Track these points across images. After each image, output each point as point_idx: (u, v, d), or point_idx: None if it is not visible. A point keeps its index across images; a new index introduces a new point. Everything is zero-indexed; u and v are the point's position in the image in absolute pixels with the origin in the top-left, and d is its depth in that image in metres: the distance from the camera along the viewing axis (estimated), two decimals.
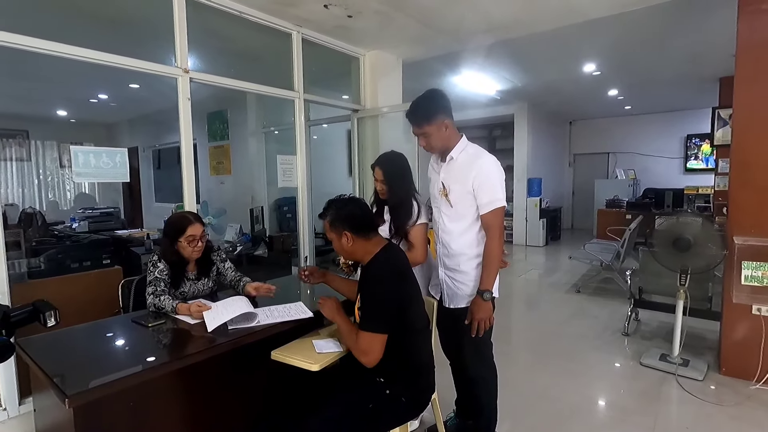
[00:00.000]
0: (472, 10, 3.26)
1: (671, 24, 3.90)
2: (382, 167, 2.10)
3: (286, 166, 3.60)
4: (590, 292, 4.96)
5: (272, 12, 3.23)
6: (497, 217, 1.82)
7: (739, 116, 2.77)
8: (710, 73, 5.65)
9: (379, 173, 2.10)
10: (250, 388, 1.86)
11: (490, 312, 1.83)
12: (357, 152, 4.32)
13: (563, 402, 2.59)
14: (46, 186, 7.71)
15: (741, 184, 2.75)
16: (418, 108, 1.87)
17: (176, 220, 2.04)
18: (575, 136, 10.19)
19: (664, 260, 2.89)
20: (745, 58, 2.70)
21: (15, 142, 7.23)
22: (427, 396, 1.71)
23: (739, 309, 2.75)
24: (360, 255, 1.64)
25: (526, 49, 4.61)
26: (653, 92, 7.03)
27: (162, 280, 1.98)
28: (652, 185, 8.32)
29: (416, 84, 4.93)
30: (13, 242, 2.59)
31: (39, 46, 2.24)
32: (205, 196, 6.09)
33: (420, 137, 1.90)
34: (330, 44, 3.85)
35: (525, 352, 3.38)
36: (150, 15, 3.14)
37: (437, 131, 1.85)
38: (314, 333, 1.84)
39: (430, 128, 1.84)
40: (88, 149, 2.41)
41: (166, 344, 1.69)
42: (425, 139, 1.89)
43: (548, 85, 6.48)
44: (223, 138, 6.14)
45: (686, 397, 2.61)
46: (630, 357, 3.19)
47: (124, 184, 7.41)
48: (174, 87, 2.79)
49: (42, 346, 1.57)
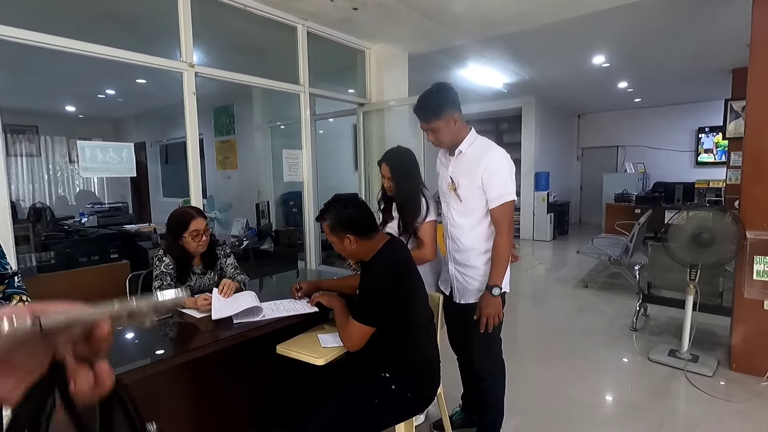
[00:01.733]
0: (477, 2, 3.21)
1: (682, 14, 3.81)
2: (389, 164, 2.06)
3: (291, 160, 3.60)
4: (598, 287, 4.92)
5: (277, 5, 3.21)
6: (507, 211, 1.79)
7: (752, 108, 2.71)
8: (722, 65, 5.53)
9: (386, 170, 2.07)
10: (256, 382, 1.86)
11: (499, 308, 1.81)
12: (363, 146, 4.31)
13: (570, 398, 2.58)
14: (55, 181, 7.79)
15: (754, 177, 2.70)
16: (425, 103, 1.82)
17: (179, 216, 2.04)
18: (583, 130, 10.07)
19: (683, 256, 2.79)
20: (760, 49, 2.64)
21: (25, 137, 7.29)
22: (433, 391, 1.71)
23: (751, 304, 2.71)
24: (363, 254, 1.63)
25: (533, 42, 4.54)
26: (664, 84, 6.92)
27: (168, 274, 1.99)
28: (661, 179, 8.20)
29: (423, 77, 4.90)
30: (23, 237, 2.62)
31: (47, 42, 2.26)
32: (212, 190, 6.11)
33: (428, 132, 1.86)
34: (335, 38, 3.82)
35: (532, 347, 3.36)
36: (155, 10, 3.14)
37: (446, 126, 1.81)
38: (319, 327, 1.84)
39: (438, 123, 1.80)
40: (95, 144, 2.43)
41: (172, 338, 1.70)
42: (434, 135, 1.85)
43: (556, 78, 6.39)
44: (230, 133, 6.15)
45: (695, 393, 2.59)
46: (638, 352, 3.16)
47: (132, 178, 7.45)
48: (179, 82, 2.79)
49: None
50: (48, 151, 7.67)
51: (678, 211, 2.89)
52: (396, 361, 1.60)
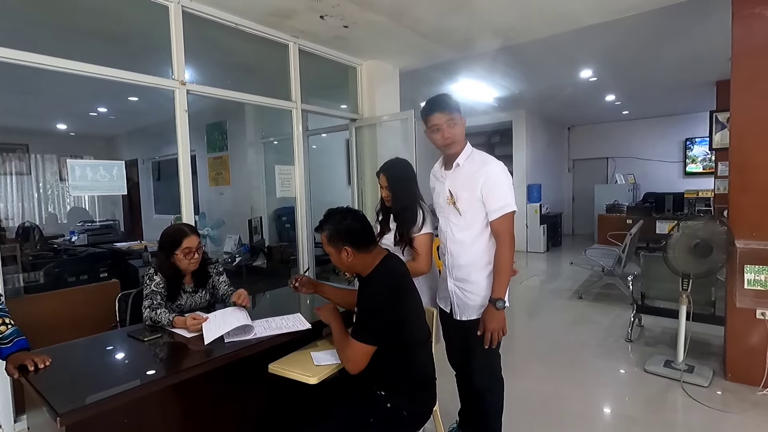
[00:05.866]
0: (467, 20, 3.28)
1: (665, 30, 3.92)
2: (386, 173, 2.08)
3: (284, 176, 3.60)
4: (592, 298, 4.92)
5: (269, 24, 3.25)
6: (508, 223, 1.78)
7: (736, 119, 2.77)
8: (706, 77, 5.67)
9: (383, 180, 2.08)
10: (248, 402, 1.82)
11: (503, 322, 1.78)
12: (356, 161, 4.33)
13: (567, 411, 2.55)
14: (45, 199, 7.72)
15: (741, 187, 2.74)
16: (447, 97, 1.88)
17: (172, 233, 2.02)
18: (574, 142, 10.21)
19: (684, 268, 2.78)
20: (740, 62, 2.71)
21: (15, 156, 7.25)
22: (429, 408, 1.68)
23: (744, 313, 2.72)
24: (360, 268, 1.61)
25: (522, 57, 4.63)
26: (650, 97, 7.06)
27: (158, 293, 1.96)
28: (652, 189, 8.31)
29: (414, 92, 4.98)
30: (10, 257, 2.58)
31: (39, 62, 2.26)
32: (205, 206, 6.08)
33: (444, 128, 1.82)
34: (327, 54, 3.87)
35: (528, 360, 3.34)
36: (147, 29, 3.16)
37: (461, 123, 1.86)
38: (312, 345, 1.81)
39: (459, 116, 1.84)
40: (84, 162, 2.42)
41: (162, 358, 1.67)
42: (449, 129, 1.82)
43: (545, 92, 6.51)
44: (222, 149, 6.15)
45: (692, 404, 2.57)
46: (634, 364, 3.15)
47: (124, 196, 7.41)
48: (171, 99, 2.80)
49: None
50: (38, 170, 7.62)
51: (672, 221, 2.91)
52: (392, 379, 1.57)
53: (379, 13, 3.08)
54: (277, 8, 2.98)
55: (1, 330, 1.48)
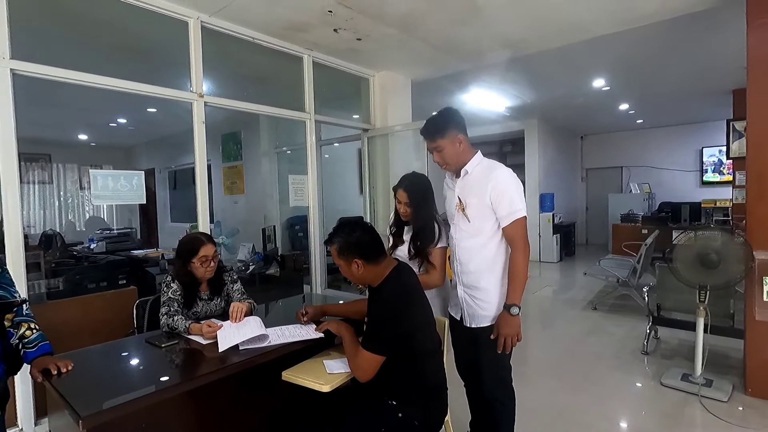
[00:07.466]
0: (478, 32, 3.32)
1: (677, 39, 3.90)
2: (406, 190, 2.06)
3: (297, 185, 3.66)
4: (607, 309, 4.84)
5: (284, 37, 3.33)
6: (520, 229, 1.78)
7: (753, 128, 2.73)
8: (722, 86, 5.60)
9: (403, 195, 2.06)
10: (262, 408, 1.85)
11: (518, 327, 1.77)
12: (368, 171, 4.37)
13: (582, 424, 2.51)
14: (66, 207, 7.94)
15: (758, 196, 2.70)
16: (431, 123, 1.89)
17: (189, 241, 2.07)
18: (587, 151, 10.12)
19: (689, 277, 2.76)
20: (756, 71, 2.68)
21: (38, 165, 7.49)
22: (440, 418, 1.68)
23: (764, 326, 2.65)
24: (370, 279, 1.62)
25: (534, 67, 4.64)
26: (665, 105, 6.98)
27: (175, 300, 2.00)
28: (667, 199, 8.16)
29: (426, 102, 5.01)
30: (33, 264, 2.66)
31: (63, 76, 2.36)
32: (219, 215, 6.18)
33: (434, 153, 1.89)
34: (340, 66, 3.94)
35: (541, 371, 3.30)
36: (167, 43, 3.27)
37: (450, 145, 1.85)
38: (325, 353, 1.83)
39: (443, 142, 1.85)
40: (106, 172, 2.50)
41: (179, 364, 1.70)
42: (439, 154, 1.88)
43: (557, 101, 6.49)
44: (237, 158, 6.27)
45: (711, 419, 2.51)
46: (650, 377, 3.09)
47: (140, 204, 7.58)
48: (189, 111, 2.88)
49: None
50: (60, 179, 7.84)
51: (683, 232, 2.87)
52: (403, 389, 1.57)
53: (392, 25, 3.14)
54: (293, 22, 3.06)
55: (27, 335, 1.53)
